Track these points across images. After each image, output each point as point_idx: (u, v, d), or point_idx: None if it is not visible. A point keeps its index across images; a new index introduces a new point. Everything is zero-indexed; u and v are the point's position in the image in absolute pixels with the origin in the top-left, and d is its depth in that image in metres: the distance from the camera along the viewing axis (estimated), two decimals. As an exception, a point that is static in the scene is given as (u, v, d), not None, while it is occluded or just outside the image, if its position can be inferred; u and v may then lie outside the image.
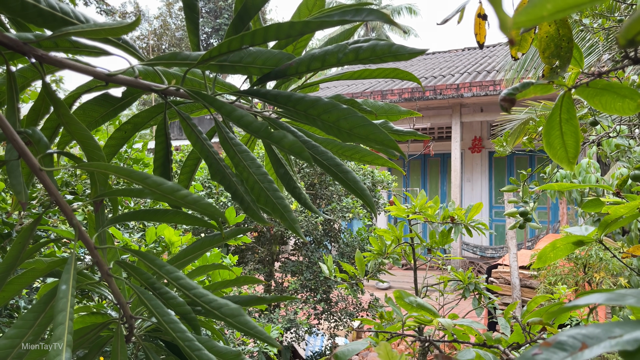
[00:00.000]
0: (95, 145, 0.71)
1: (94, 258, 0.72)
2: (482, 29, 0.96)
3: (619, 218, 1.06)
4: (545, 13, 0.40)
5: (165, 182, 0.70)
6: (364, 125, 0.82)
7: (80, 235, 0.68)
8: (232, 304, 0.75)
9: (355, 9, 0.72)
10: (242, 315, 0.75)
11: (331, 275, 3.26)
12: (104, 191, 0.74)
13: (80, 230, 0.68)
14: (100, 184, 0.74)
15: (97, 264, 0.72)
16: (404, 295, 1.09)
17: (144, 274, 0.81)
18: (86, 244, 0.70)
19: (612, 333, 0.49)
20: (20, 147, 0.62)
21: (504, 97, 0.72)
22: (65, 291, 0.65)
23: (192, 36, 0.87)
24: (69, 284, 0.65)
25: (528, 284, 4.83)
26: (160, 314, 0.75)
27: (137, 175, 0.69)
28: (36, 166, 0.63)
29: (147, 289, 0.78)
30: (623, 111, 0.74)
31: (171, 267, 0.74)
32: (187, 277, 0.75)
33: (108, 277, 0.75)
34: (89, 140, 0.70)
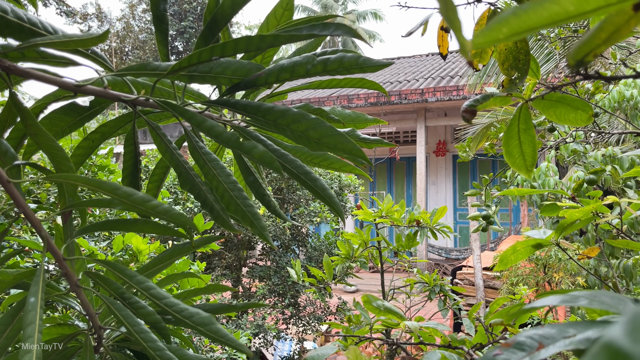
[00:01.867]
0: (63, 156, 0.71)
1: (63, 269, 0.71)
2: (445, 41, 1.00)
3: (575, 221, 1.12)
4: (501, 36, 0.42)
5: (135, 192, 0.70)
6: (332, 135, 0.83)
7: (49, 246, 0.68)
8: (203, 313, 0.76)
9: (323, 23, 0.74)
10: (214, 324, 0.76)
11: (299, 280, 3.28)
12: (72, 202, 0.74)
13: (48, 241, 0.68)
14: (69, 195, 0.74)
15: (66, 275, 0.72)
16: (372, 299, 1.12)
17: (113, 284, 0.81)
18: (55, 255, 0.70)
19: (566, 333, 0.52)
20: (-13, 159, 0.61)
21: (465, 109, 0.75)
22: (34, 303, 0.64)
23: (161, 46, 0.88)
24: (38, 297, 0.65)
25: (491, 284, 4.96)
26: (130, 324, 0.75)
27: (107, 186, 0.69)
28: (4, 178, 0.63)
29: (116, 299, 0.78)
30: (576, 122, 0.79)
31: (142, 277, 0.74)
32: (157, 287, 0.75)
33: (77, 288, 0.74)
34: (57, 151, 0.70)
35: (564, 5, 0.39)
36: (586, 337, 0.49)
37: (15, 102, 0.66)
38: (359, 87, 1.10)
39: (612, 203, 1.39)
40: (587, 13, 0.40)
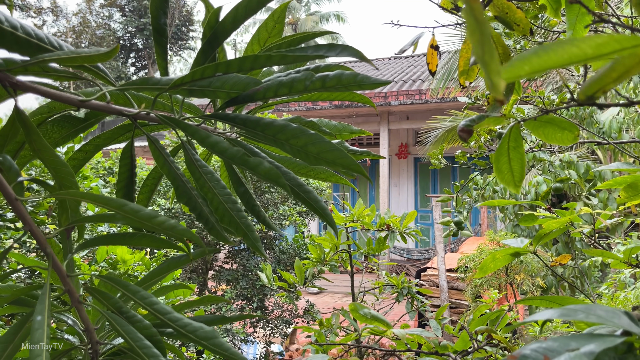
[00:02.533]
0: (68, 172, 0.70)
1: (66, 286, 0.71)
2: (434, 58, 1.04)
3: (551, 231, 1.17)
4: (522, 73, 0.45)
5: (142, 209, 0.70)
6: (331, 150, 0.85)
7: (54, 263, 0.67)
8: (206, 327, 0.77)
9: (329, 45, 0.76)
10: (217, 338, 0.77)
11: (270, 284, 3.28)
12: (74, 218, 0.73)
13: (54, 258, 0.67)
14: (72, 211, 0.73)
15: (69, 292, 0.71)
16: (359, 307, 1.15)
17: (112, 298, 0.80)
18: (58, 273, 0.69)
19: (569, 346, 0.56)
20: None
21: (462, 128, 0.78)
22: (40, 322, 0.64)
23: (161, 60, 0.87)
24: (45, 314, 0.65)
25: (455, 286, 5.09)
26: (133, 339, 0.75)
27: (114, 203, 0.69)
28: (12, 196, 0.62)
29: (115, 314, 0.78)
30: (562, 141, 0.83)
31: (145, 292, 0.75)
32: (160, 302, 0.75)
33: (78, 304, 0.74)
34: (61, 167, 0.69)
35: (583, 48, 0.42)
36: (590, 351, 0.53)
37: (22, 118, 0.65)
38: (349, 100, 1.12)
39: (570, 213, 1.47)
40: (603, 55, 0.43)
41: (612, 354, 0.60)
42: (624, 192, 1.02)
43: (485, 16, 0.38)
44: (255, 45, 1.10)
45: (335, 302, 9.83)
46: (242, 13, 0.85)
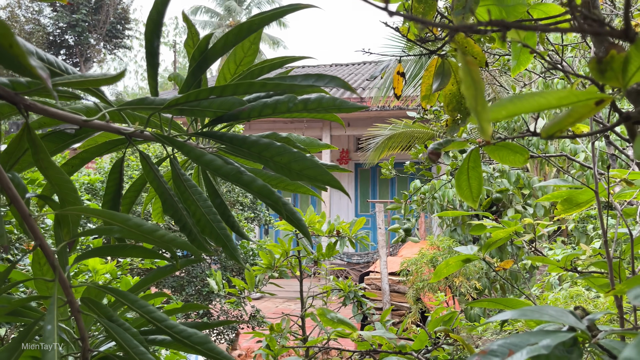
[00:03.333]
0: (71, 188, 0.74)
1: (69, 297, 0.74)
2: (400, 83, 1.14)
3: (498, 239, 1.31)
4: (500, 116, 0.55)
5: (144, 223, 0.75)
6: (313, 168, 0.93)
7: (60, 276, 0.71)
8: (200, 333, 0.82)
9: (317, 75, 0.84)
10: (210, 343, 0.82)
11: (220, 291, 3.30)
12: (75, 232, 0.77)
13: (60, 272, 0.71)
14: (73, 225, 0.77)
15: (70, 302, 0.75)
16: (326, 312, 1.23)
17: (104, 308, 0.84)
18: (63, 284, 0.73)
19: (529, 341, 0.67)
20: (13, 194, 0.64)
21: (431, 151, 0.89)
22: (51, 331, 0.67)
23: (152, 80, 0.92)
24: (54, 324, 0.68)
25: (396, 289, 5.29)
26: (130, 346, 0.79)
27: (119, 218, 0.73)
28: (26, 212, 0.65)
29: (112, 322, 0.82)
30: (515, 163, 0.95)
31: (143, 301, 0.79)
32: (157, 311, 0.80)
33: (77, 314, 0.77)
34: (65, 183, 0.73)
35: (549, 99, 0.53)
36: (547, 344, 0.64)
37: (32, 137, 0.69)
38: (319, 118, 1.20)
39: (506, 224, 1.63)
40: (563, 105, 0.54)
41: (561, 347, 0.71)
42: (561, 206, 1.16)
43: (479, 74, 0.47)
44: (231, 64, 1.16)
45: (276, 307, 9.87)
46: (232, 40, 0.91)
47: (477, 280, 4.36)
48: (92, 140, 1.00)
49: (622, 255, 1.09)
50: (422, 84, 1.15)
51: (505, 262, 1.44)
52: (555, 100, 0.53)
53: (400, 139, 9.29)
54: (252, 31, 0.91)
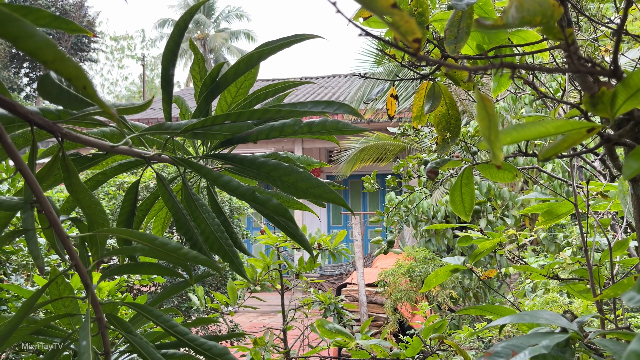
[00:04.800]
0: (101, 210, 0.78)
1: (98, 314, 0.78)
2: (393, 105, 1.22)
3: (484, 250, 1.39)
4: (505, 143, 0.63)
5: (169, 242, 0.80)
6: (318, 186, 0.99)
7: (92, 295, 0.75)
8: (220, 345, 0.87)
9: (327, 101, 0.91)
10: (229, 354, 0.87)
11: (202, 306, 3.30)
12: (102, 252, 0.81)
13: (92, 290, 0.75)
14: (101, 245, 0.81)
15: (99, 319, 0.79)
16: (324, 323, 1.28)
17: (125, 323, 0.88)
18: (94, 302, 0.77)
19: (530, 342, 0.74)
20: (53, 218, 0.68)
21: (430, 170, 0.96)
22: (86, 347, 0.71)
23: (166, 106, 0.97)
24: (88, 339, 0.72)
25: (373, 300, 5.37)
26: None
27: (147, 237, 0.78)
28: (64, 235, 0.70)
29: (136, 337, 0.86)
30: (503, 179, 1.04)
31: (167, 316, 0.84)
32: (180, 325, 0.85)
33: (104, 330, 0.81)
34: (95, 206, 0.77)
35: (548, 127, 0.61)
36: (546, 345, 0.71)
37: (66, 163, 0.73)
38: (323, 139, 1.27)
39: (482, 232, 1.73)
40: (560, 132, 0.62)
41: (556, 348, 0.79)
42: (542, 217, 1.25)
43: (493, 108, 0.55)
44: (232, 87, 1.21)
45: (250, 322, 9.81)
46: (244, 68, 0.97)
47: (452, 289, 4.48)
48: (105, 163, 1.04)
49: (600, 262, 1.18)
50: (414, 106, 1.23)
51: (489, 271, 1.53)
52: (553, 129, 0.60)
53: (372, 151, 9.44)
54: (262, 59, 0.97)
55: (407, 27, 0.47)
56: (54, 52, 0.47)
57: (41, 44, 0.46)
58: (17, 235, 0.70)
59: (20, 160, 0.62)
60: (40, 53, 0.46)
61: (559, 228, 4.53)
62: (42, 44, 0.46)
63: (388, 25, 0.47)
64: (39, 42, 0.46)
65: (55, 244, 0.75)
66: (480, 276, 1.55)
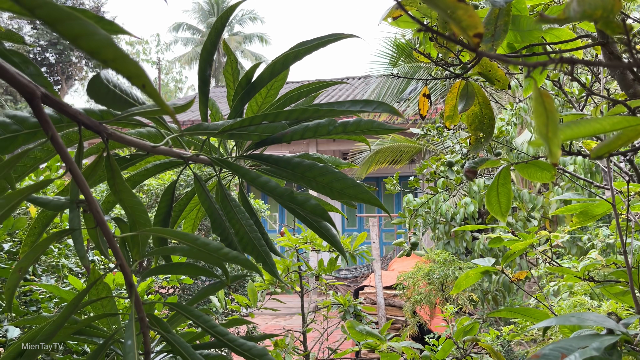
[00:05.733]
0: (143, 210, 0.78)
1: (140, 313, 0.78)
2: (425, 104, 1.21)
3: (516, 252, 1.37)
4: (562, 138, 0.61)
5: (210, 242, 0.80)
6: (353, 187, 0.98)
7: (135, 294, 0.75)
8: (258, 346, 0.87)
9: (365, 101, 0.90)
10: (267, 355, 0.87)
11: (222, 308, 3.31)
12: (144, 252, 0.81)
13: (135, 291, 0.75)
14: (142, 244, 0.81)
15: (141, 319, 0.79)
16: (355, 324, 1.27)
17: (164, 324, 0.88)
18: (136, 302, 0.77)
19: (579, 345, 0.72)
20: (100, 218, 0.68)
21: (468, 169, 0.95)
22: (131, 346, 0.71)
23: (203, 106, 0.97)
24: (133, 339, 0.72)
25: (391, 302, 5.34)
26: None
27: (189, 238, 0.78)
28: (111, 235, 0.70)
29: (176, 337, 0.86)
30: (542, 179, 1.02)
31: (207, 316, 0.83)
32: (219, 325, 0.84)
33: (146, 329, 0.81)
34: (137, 205, 0.78)
35: (604, 124, 0.59)
36: (597, 347, 0.70)
37: (110, 164, 0.73)
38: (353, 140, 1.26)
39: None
40: (616, 129, 0.60)
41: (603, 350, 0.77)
42: (577, 218, 1.23)
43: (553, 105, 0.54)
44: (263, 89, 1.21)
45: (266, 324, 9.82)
46: (279, 68, 0.97)
47: (471, 292, 4.44)
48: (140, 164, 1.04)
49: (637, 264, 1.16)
50: (446, 105, 1.21)
51: (519, 272, 1.51)
52: (609, 125, 0.59)
53: (388, 153, 9.42)
54: (297, 60, 0.97)
55: (470, 21, 0.46)
56: (115, 50, 0.47)
57: (102, 43, 0.46)
58: (65, 235, 0.70)
59: (71, 159, 0.62)
60: (101, 52, 0.46)
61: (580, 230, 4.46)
62: (103, 42, 0.46)
63: (450, 20, 0.46)
64: (100, 41, 0.46)
65: (99, 244, 0.75)
66: (511, 278, 1.53)
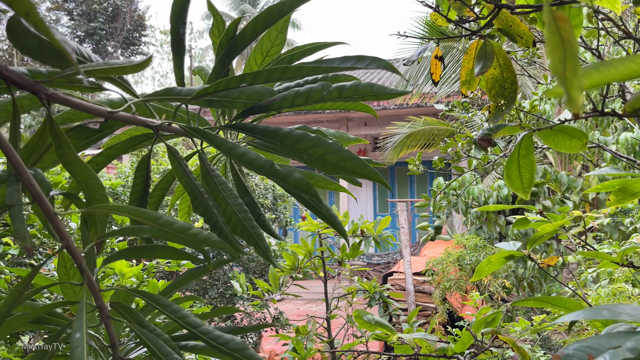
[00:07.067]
0: (99, 185, 0.68)
1: (98, 302, 0.69)
2: (438, 68, 1.07)
3: (544, 234, 1.23)
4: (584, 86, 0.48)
5: (176, 221, 0.70)
6: (350, 160, 0.86)
7: (88, 280, 0.66)
8: (237, 339, 0.76)
9: (357, 56, 0.78)
10: (248, 349, 0.76)
11: (244, 293, 3.25)
12: (103, 232, 0.72)
13: (89, 275, 0.66)
14: (101, 225, 0.71)
15: (100, 307, 0.70)
16: (362, 314, 1.16)
17: (135, 312, 0.79)
18: (92, 289, 0.67)
19: (610, 344, 0.59)
20: (36, 191, 0.58)
21: (482, 137, 0.81)
22: (79, 339, 0.62)
23: (178, 70, 0.87)
24: (83, 331, 0.63)
25: (421, 289, 5.19)
26: (163, 354, 0.74)
27: (149, 216, 0.68)
28: (50, 210, 0.60)
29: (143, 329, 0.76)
30: (571, 149, 0.88)
31: (176, 306, 0.74)
32: (191, 315, 0.74)
33: (107, 320, 0.72)
34: (92, 180, 0.68)
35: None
36: (632, 347, 0.56)
37: (55, 130, 0.63)
38: (351, 110, 1.14)
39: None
40: (658, 72, 0.46)
41: None
42: (614, 196, 1.08)
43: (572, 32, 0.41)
44: (258, 55, 1.10)
45: (297, 309, 9.82)
46: (262, 24, 0.85)
47: (505, 278, 4.25)
48: (116, 138, 0.95)
49: (686, 248, 1.01)
50: (462, 68, 1.07)
51: (549, 258, 1.36)
52: (649, 66, 0.46)
53: (420, 136, 9.17)
54: (283, 14, 0.85)
55: None
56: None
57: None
58: (1, 211, 0.61)
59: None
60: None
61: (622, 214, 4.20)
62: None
63: None
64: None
65: (47, 222, 0.66)
66: (539, 264, 1.38)
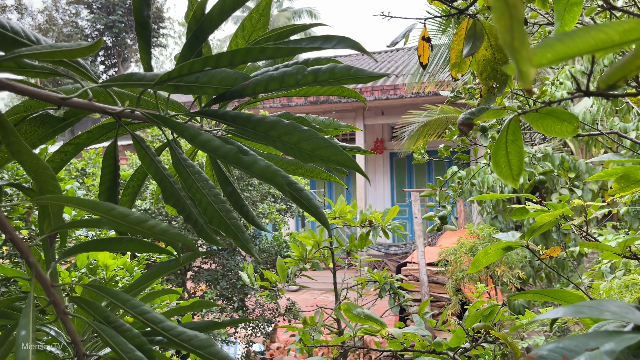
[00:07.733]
0: (50, 175, 0.65)
1: (51, 297, 0.66)
2: (426, 50, 1.02)
3: (544, 224, 1.16)
4: (544, 61, 0.43)
5: (131, 213, 0.66)
6: (326, 147, 0.82)
7: (37, 273, 0.63)
8: (202, 335, 0.73)
9: (325, 36, 0.73)
10: (213, 346, 0.73)
11: (252, 283, 3.23)
12: (57, 224, 0.69)
13: (37, 268, 0.62)
14: (55, 217, 0.68)
15: (54, 303, 0.67)
16: (352, 307, 1.12)
17: (99, 308, 0.76)
18: (42, 283, 0.65)
19: (588, 345, 0.54)
20: (-28, 182, 0.55)
21: (462, 122, 0.76)
22: (25, 337, 0.59)
23: (144, 54, 0.83)
24: (29, 329, 0.60)
25: (435, 279, 5.12)
26: (123, 351, 0.71)
27: (102, 207, 0.64)
28: (-11, 202, 0.57)
29: (104, 324, 0.73)
30: (562, 134, 0.82)
31: (136, 301, 0.70)
32: (152, 311, 0.71)
33: (64, 316, 0.69)
34: (43, 170, 0.65)
35: (610, 34, 0.40)
36: (611, 349, 0.51)
37: (0, 119, 0.60)
38: (338, 95, 1.09)
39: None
40: (628, 40, 0.41)
41: (626, 351, 0.58)
42: (616, 184, 1.01)
43: None
44: (239, 39, 1.06)
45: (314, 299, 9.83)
46: (230, 4, 0.81)
47: (520, 269, 4.16)
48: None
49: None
50: (452, 50, 1.02)
51: (551, 249, 1.30)
52: (618, 35, 0.40)
53: (436, 125, 9.04)
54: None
55: None
56: None
57: None
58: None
59: None
60: None
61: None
62: None
63: None
64: None
65: (-7, 215, 0.63)
66: (540, 255, 1.32)
